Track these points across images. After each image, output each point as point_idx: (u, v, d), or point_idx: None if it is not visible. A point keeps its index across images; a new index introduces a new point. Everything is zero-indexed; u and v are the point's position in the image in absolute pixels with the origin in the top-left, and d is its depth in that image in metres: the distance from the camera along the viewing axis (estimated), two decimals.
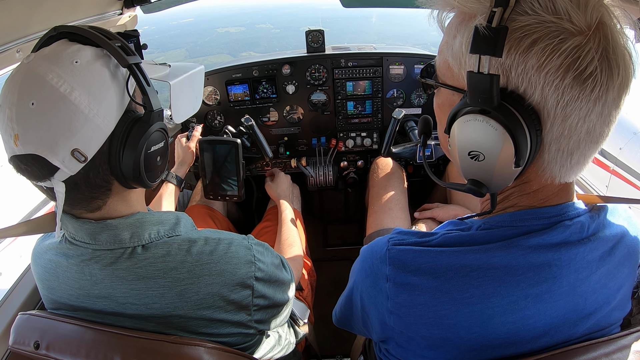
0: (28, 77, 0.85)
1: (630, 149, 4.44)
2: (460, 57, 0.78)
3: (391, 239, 0.93)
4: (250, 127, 2.25)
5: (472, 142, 0.74)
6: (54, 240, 1.06)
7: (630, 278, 0.92)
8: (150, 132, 0.95)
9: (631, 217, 0.95)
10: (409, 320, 0.88)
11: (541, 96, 0.70)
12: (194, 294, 0.98)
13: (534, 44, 0.68)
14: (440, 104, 0.90)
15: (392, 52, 2.59)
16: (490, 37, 0.66)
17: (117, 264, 0.97)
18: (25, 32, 1.33)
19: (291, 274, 1.31)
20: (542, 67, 0.68)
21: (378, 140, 2.72)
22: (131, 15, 1.95)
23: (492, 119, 0.71)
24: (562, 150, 0.74)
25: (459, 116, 0.76)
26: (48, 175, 0.87)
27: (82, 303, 1.01)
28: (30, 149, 0.84)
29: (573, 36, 0.67)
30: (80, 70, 0.87)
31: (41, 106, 0.83)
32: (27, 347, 0.96)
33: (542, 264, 0.81)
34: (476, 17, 0.73)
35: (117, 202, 0.99)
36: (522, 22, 0.68)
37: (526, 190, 0.84)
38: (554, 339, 0.84)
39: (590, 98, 0.69)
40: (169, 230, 1.03)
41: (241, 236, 1.13)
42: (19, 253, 4.15)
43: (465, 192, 0.82)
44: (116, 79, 0.92)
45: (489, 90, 0.69)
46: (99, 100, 0.87)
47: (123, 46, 0.93)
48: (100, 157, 0.90)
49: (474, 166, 0.76)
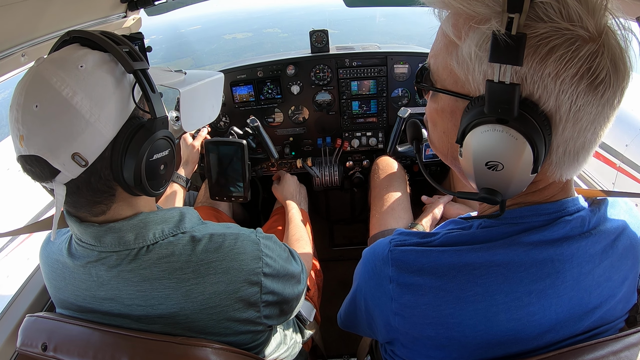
0: (34, 80, 0.86)
1: (637, 145, 4.41)
2: (469, 63, 0.75)
3: (393, 240, 0.93)
4: (256, 128, 2.25)
5: (491, 153, 0.73)
6: (60, 241, 1.07)
7: (634, 270, 0.91)
8: (153, 139, 0.93)
9: (632, 208, 0.95)
10: (414, 321, 0.88)
11: (556, 103, 0.69)
12: (200, 294, 0.98)
13: (552, 52, 0.67)
14: (439, 110, 0.87)
15: (396, 51, 2.59)
16: (511, 46, 0.64)
17: (122, 266, 0.97)
18: (30, 36, 1.34)
19: (301, 265, 1.31)
20: (559, 75, 0.67)
21: (383, 139, 2.72)
22: (135, 18, 1.96)
23: (512, 128, 0.69)
24: (569, 152, 0.74)
25: (474, 126, 0.73)
26: (50, 177, 0.88)
27: (88, 304, 1.01)
28: (33, 151, 0.85)
29: (586, 43, 0.66)
30: (85, 75, 0.87)
31: (44, 109, 0.84)
32: (34, 348, 0.97)
33: (545, 260, 0.80)
34: (488, 21, 0.71)
35: (123, 207, 0.99)
36: (539, 29, 0.67)
37: (532, 189, 0.84)
38: (559, 334, 0.84)
39: (600, 102, 0.69)
40: (174, 228, 1.02)
41: (249, 230, 1.12)
42: (26, 256, 4.18)
43: (478, 201, 0.81)
44: (121, 84, 0.92)
45: (510, 99, 0.68)
46: (101, 106, 0.87)
47: (131, 52, 0.92)
48: (101, 163, 0.90)
49: (490, 175, 0.75)
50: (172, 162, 1.03)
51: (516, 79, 0.70)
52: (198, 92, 1.20)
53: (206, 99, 1.27)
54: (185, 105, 1.13)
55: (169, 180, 1.04)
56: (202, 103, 1.24)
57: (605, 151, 4.61)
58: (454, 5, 0.76)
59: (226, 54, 48.87)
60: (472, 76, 0.75)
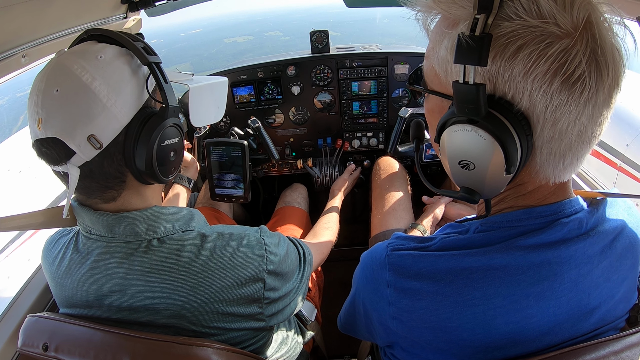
0: (56, 67, 0.93)
1: (638, 145, 4.41)
2: (446, 65, 0.77)
3: (390, 245, 0.94)
4: (257, 128, 2.25)
5: (462, 152, 0.74)
6: (65, 240, 1.09)
7: (634, 269, 0.91)
8: (164, 125, 1.00)
9: (631, 207, 0.94)
10: (412, 325, 0.88)
11: (529, 102, 0.69)
12: (208, 287, 1.01)
13: (520, 50, 0.67)
14: (430, 110, 0.90)
15: (396, 52, 2.59)
16: (474, 47, 0.65)
17: (133, 257, 1.00)
18: (31, 37, 1.34)
19: (307, 254, 1.34)
20: (528, 73, 0.67)
21: (384, 140, 2.72)
22: (136, 19, 1.96)
23: (480, 128, 0.70)
24: (554, 153, 0.74)
25: (447, 126, 0.75)
26: (65, 159, 0.93)
27: (95, 299, 1.03)
28: (51, 133, 0.91)
29: (560, 39, 0.66)
30: (104, 64, 0.94)
31: (64, 93, 0.90)
32: (36, 349, 0.97)
33: (542, 262, 0.80)
34: (460, 24, 0.72)
35: (132, 196, 1.04)
36: (506, 28, 0.67)
37: (521, 192, 0.84)
38: (559, 336, 0.84)
39: (579, 101, 0.68)
40: (184, 225, 1.06)
41: (253, 229, 1.15)
42: (27, 256, 4.18)
43: (459, 200, 0.81)
44: (136, 75, 0.99)
45: (476, 100, 0.68)
46: (118, 92, 0.94)
47: (145, 47, 1.01)
48: (115, 147, 0.95)
49: (465, 175, 0.76)
50: (182, 150, 1.09)
51: (487, 79, 0.70)
52: (205, 91, 1.28)
53: (212, 99, 1.33)
54: (194, 100, 1.20)
55: (177, 168, 1.09)
56: (208, 102, 1.31)
57: (606, 151, 4.61)
58: (434, 8, 0.77)
59: (226, 58, 48.87)
60: (450, 77, 0.77)
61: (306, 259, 1.32)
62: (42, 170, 1.69)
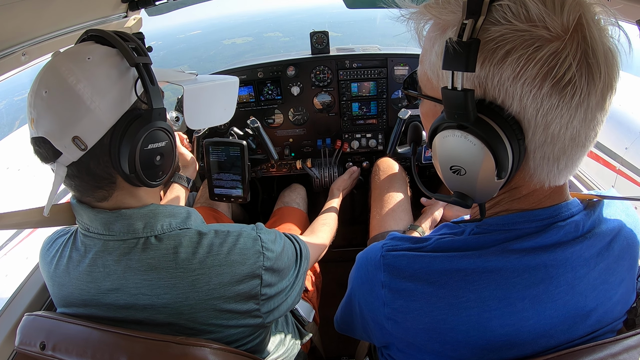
0: (48, 69, 0.95)
1: (636, 148, 4.41)
2: (437, 70, 0.77)
3: (385, 245, 0.93)
4: (256, 129, 2.25)
5: (453, 157, 0.74)
6: (63, 240, 1.09)
7: (632, 270, 0.91)
8: (148, 128, 0.98)
9: (628, 208, 0.94)
10: (407, 326, 0.88)
11: (520, 106, 0.69)
12: (205, 284, 1.01)
13: (508, 55, 0.67)
14: (424, 114, 0.90)
15: (396, 53, 2.59)
16: (461, 52, 0.64)
17: (130, 255, 1.00)
18: (31, 36, 1.34)
19: (304, 249, 1.34)
20: (517, 77, 0.67)
21: (383, 141, 2.72)
22: (136, 18, 1.96)
23: (470, 134, 0.70)
24: (548, 157, 0.73)
25: (438, 131, 0.75)
26: (53, 158, 0.95)
27: (93, 297, 1.03)
28: (41, 133, 0.94)
29: (549, 43, 0.65)
30: (91, 66, 0.94)
31: (51, 94, 0.92)
32: (33, 347, 0.97)
33: (538, 266, 0.80)
34: (449, 29, 0.72)
35: (125, 196, 1.04)
36: (494, 32, 0.67)
37: (516, 196, 0.83)
38: (555, 339, 0.83)
39: (571, 105, 0.67)
40: (181, 223, 1.07)
41: (250, 226, 1.15)
42: (25, 255, 4.18)
43: (452, 204, 0.81)
44: (124, 77, 0.98)
45: (464, 106, 0.68)
46: (102, 94, 0.93)
47: (137, 48, 0.99)
48: (100, 148, 0.95)
49: (457, 180, 0.76)
50: (171, 154, 1.07)
51: (477, 84, 0.70)
52: (205, 92, 1.26)
53: (215, 100, 1.31)
54: (188, 102, 1.18)
55: (166, 173, 1.08)
56: (209, 103, 1.29)
57: (605, 154, 4.62)
58: (427, 14, 0.78)
59: (224, 60, 48.76)
60: (441, 82, 0.77)
61: (302, 254, 1.32)
62: (40, 169, 1.69)
